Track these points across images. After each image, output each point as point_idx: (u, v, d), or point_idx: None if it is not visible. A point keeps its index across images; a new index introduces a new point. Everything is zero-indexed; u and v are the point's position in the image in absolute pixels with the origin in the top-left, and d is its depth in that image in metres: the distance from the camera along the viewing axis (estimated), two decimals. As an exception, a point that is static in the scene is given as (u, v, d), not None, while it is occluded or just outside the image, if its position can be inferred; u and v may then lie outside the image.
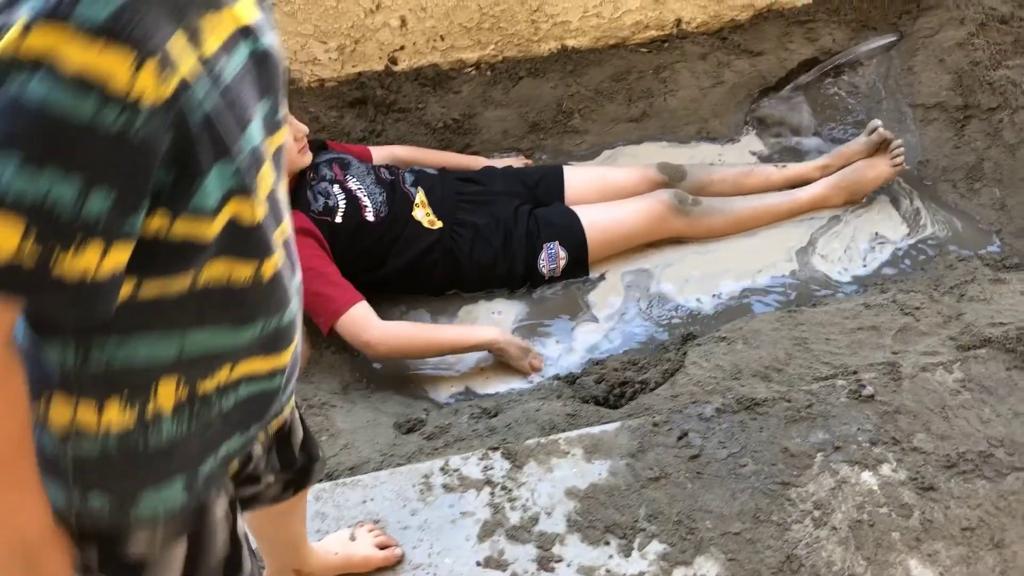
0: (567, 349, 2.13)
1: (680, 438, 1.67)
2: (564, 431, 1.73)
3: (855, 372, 1.77)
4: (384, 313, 2.20)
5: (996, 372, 1.74)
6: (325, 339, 2.08)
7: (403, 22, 2.58)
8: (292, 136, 2.07)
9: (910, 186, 2.43)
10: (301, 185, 2.13)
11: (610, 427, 1.70)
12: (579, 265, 2.26)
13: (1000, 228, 2.29)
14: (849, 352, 1.85)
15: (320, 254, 2.07)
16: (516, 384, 2.06)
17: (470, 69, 2.71)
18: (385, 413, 1.94)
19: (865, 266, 2.24)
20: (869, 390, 1.72)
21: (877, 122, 2.39)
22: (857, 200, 2.39)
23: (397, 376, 2.10)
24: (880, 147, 2.37)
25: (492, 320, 2.21)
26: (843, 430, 1.66)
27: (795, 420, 1.68)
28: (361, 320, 2.02)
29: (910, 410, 1.68)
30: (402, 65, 2.67)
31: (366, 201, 2.14)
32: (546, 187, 2.36)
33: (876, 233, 2.32)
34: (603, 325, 2.18)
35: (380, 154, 2.43)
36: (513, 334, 2.15)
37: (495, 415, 1.89)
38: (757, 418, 1.69)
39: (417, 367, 2.13)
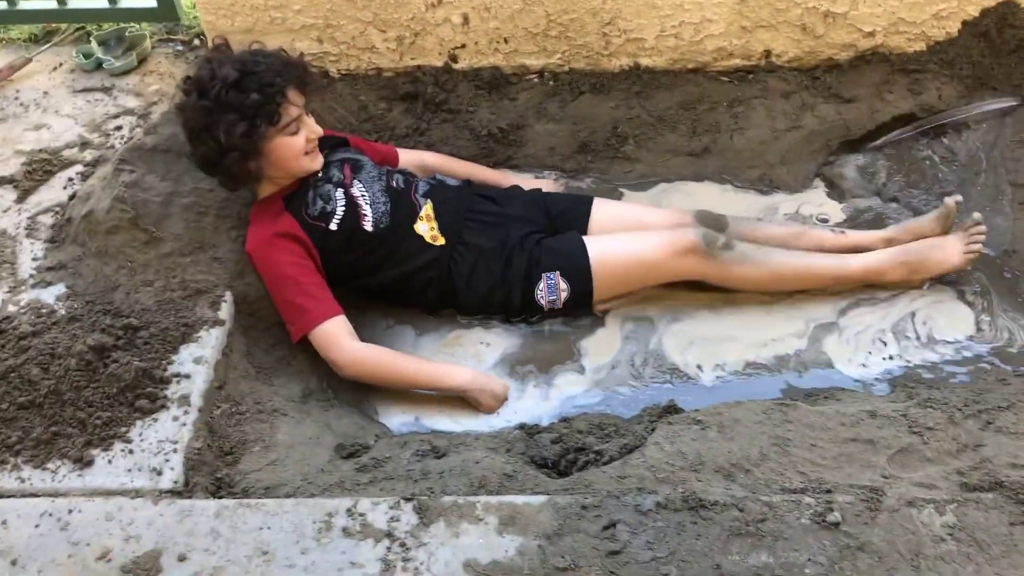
0: (543, 396, 1.98)
1: (606, 528, 1.50)
2: (490, 493, 1.60)
3: (829, 491, 1.55)
4: (369, 323, 2.12)
5: (996, 525, 1.47)
6: (300, 342, 2.02)
7: (465, 19, 2.46)
8: (304, 137, 2.01)
9: (985, 277, 2.12)
10: (305, 184, 2.06)
11: (535, 500, 1.55)
12: (583, 299, 2.09)
13: (1079, 345, 1.96)
14: (833, 466, 1.61)
15: (301, 261, 2.01)
16: (473, 423, 1.94)
17: (532, 76, 2.56)
18: (333, 432, 1.86)
19: (891, 359, 1.96)
20: (836, 516, 1.49)
21: (956, 197, 2.08)
22: (916, 283, 2.10)
23: (362, 389, 2.02)
24: (955, 226, 2.06)
25: (478, 351, 2.08)
26: (791, 557, 1.45)
27: (740, 534, 1.48)
28: (333, 337, 1.95)
29: (877, 550, 1.45)
30: (462, 63, 2.56)
31: (367, 209, 2.05)
32: (569, 219, 2.19)
33: (923, 324, 2.03)
34: (589, 377, 2.01)
35: (408, 158, 2.34)
36: (496, 369, 2.02)
37: (441, 455, 1.77)
38: (699, 523, 1.50)
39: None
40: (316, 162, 2.07)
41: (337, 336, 1.95)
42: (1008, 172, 2.28)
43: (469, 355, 2.08)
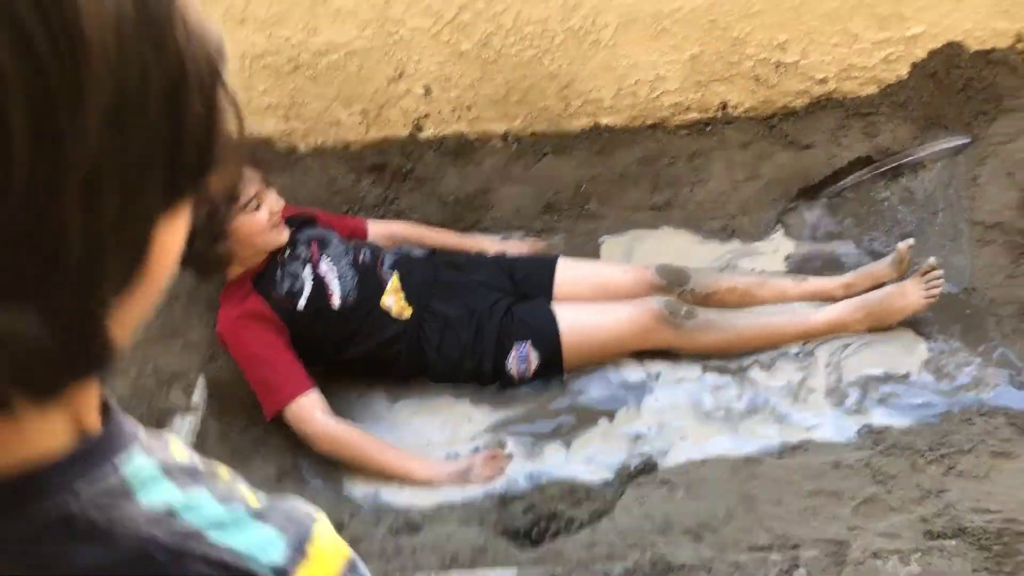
0: (524, 459, 2.00)
1: (576, 598, 1.52)
2: (462, 567, 1.62)
3: (795, 546, 1.56)
4: (339, 394, 2.14)
5: (960, 573, 1.49)
6: (274, 421, 2.05)
7: (427, 90, 2.52)
8: (267, 211, 2.05)
9: (947, 316, 2.15)
10: (273, 263, 2.10)
11: (505, 574, 1.57)
12: (553, 368, 2.13)
13: (1041, 380, 1.99)
14: (799, 520, 1.63)
15: (271, 339, 2.04)
16: (443, 495, 1.95)
17: (496, 140, 2.62)
18: (308, 511, 1.87)
19: (857, 411, 1.98)
20: (802, 572, 1.51)
21: (908, 241, 2.12)
22: (881, 329, 2.14)
23: (336, 464, 2.04)
24: (914, 268, 2.10)
25: (457, 426, 2.10)
26: (759, 617, 1.47)
27: (708, 596, 1.50)
28: (306, 412, 1.98)
29: (843, 605, 1.46)
30: (427, 132, 2.61)
31: (334, 287, 2.09)
32: (534, 281, 2.23)
33: (886, 367, 2.06)
34: (571, 443, 2.03)
35: (377, 230, 2.39)
36: (477, 438, 2.05)
37: (416, 530, 1.79)
38: (668, 587, 1.52)
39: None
40: (282, 235, 2.11)
41: (311, 411, 1.98)
42: (964, 210, 2.32)
43: (446, 421, 2.10)
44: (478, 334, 2.11)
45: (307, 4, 2.33)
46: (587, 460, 2.00)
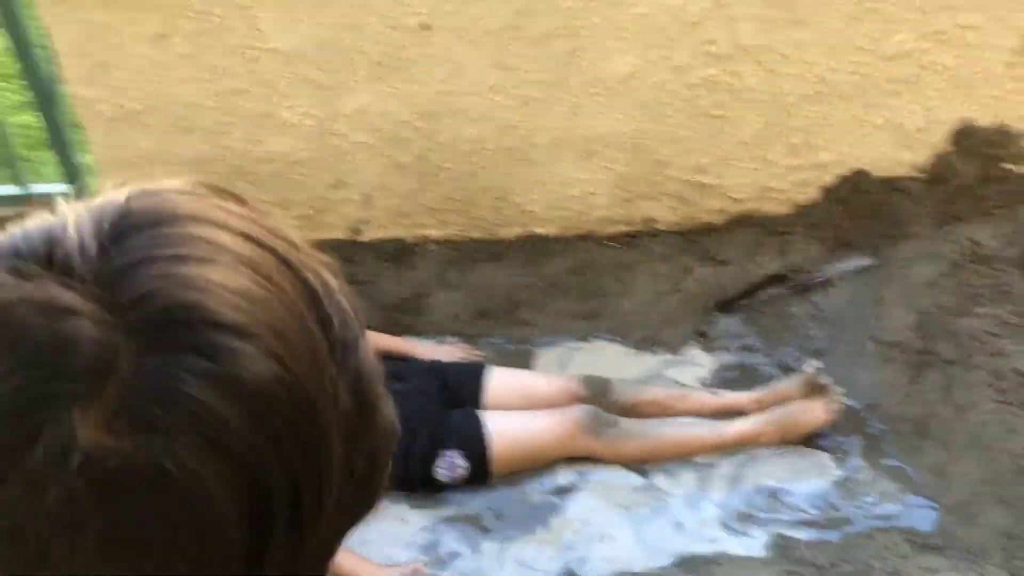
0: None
1: None
2: None
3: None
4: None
5: None
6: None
7: (366, 199, 2.62)
8: None
9: (848, 431, 2.29)
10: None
11: None
12: (481, 474, 2.21)
13: (937, 498, 2.12)
14: (707, 640, 1.73)
15: None
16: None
17: (432, 245, 2.72)
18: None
19: (762, 524, 2.09)
20: None
21: (814, 364, 2.27)
22: (789, 442, 2.27)
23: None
24: (817, 390, 2.25)
25: (395, 530, 2.16)
26: None
27: None
28: None
29: None
30: (366, 236, 2.70)
31: None
32: (465, 389, 2.32)
33: (792, 482, 2.18)
34: (506, 548, 2.10)
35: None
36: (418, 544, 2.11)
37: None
38: None
39: None
40: None
41: None
42: (869, 328, 2.48)
43: (386, 529, 2.15)
44: (408, 443, 2.18)
45: (253, 117, 2.42)
46: (519, 564, 2.07)
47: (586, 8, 2.27)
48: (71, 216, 0.45)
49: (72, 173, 2.67)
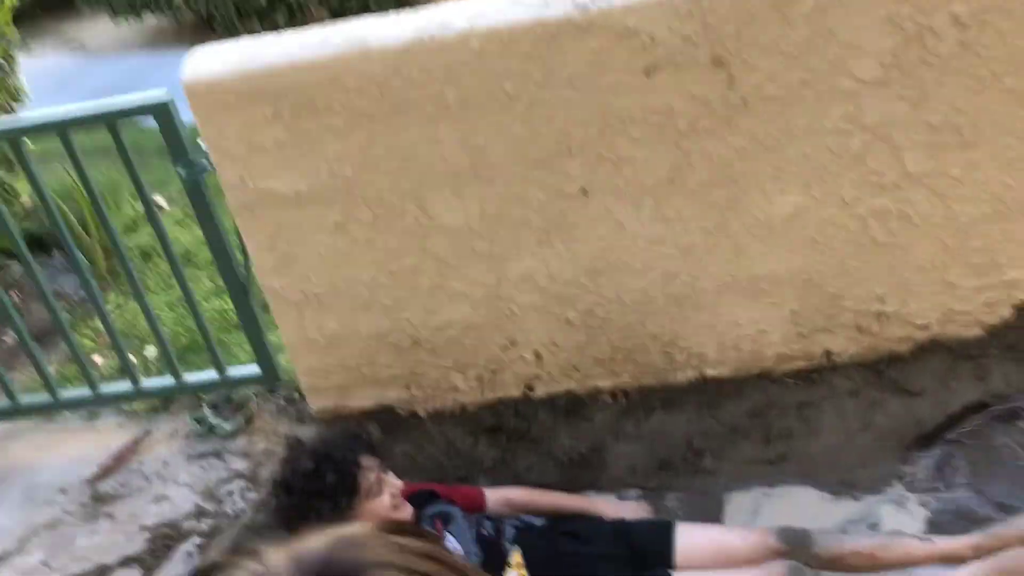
0: None
1: None
2: None
3: None
4: None
5: None
6: None
7: (537, 356, 2.66)
8: (388, 495, 2.16)
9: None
10: (401, 544, 2.19)
11: None
12: (679, 642, 2.12)
13: None
14: None
15: None
16: None
17: (605, 396, 2.72)
18: None
19: None
20: None
21: (1040, 505, 2.09)
22: (1018, 591, 2.07)
23: None
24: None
25: None
26: None
27: None
28: None
29: None
30: (539, 391, 2.73)
31: None
32: (653, 550, 2.25)
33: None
34: None
35: (494, 496, 2.47)
36: None
37: None
38: None
39: None
40: (405, 511, 2.21)
41: None
42: (1091, 455, 2.27)
43: None
44: (602, 611, 2.13)
45: (426, 288, 2.54)
46: None
47: (742, 155, 2.28)
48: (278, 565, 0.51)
49: (264, 354, 2.86)
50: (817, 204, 2.35)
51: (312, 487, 2.08)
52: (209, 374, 2.92)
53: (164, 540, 2.49)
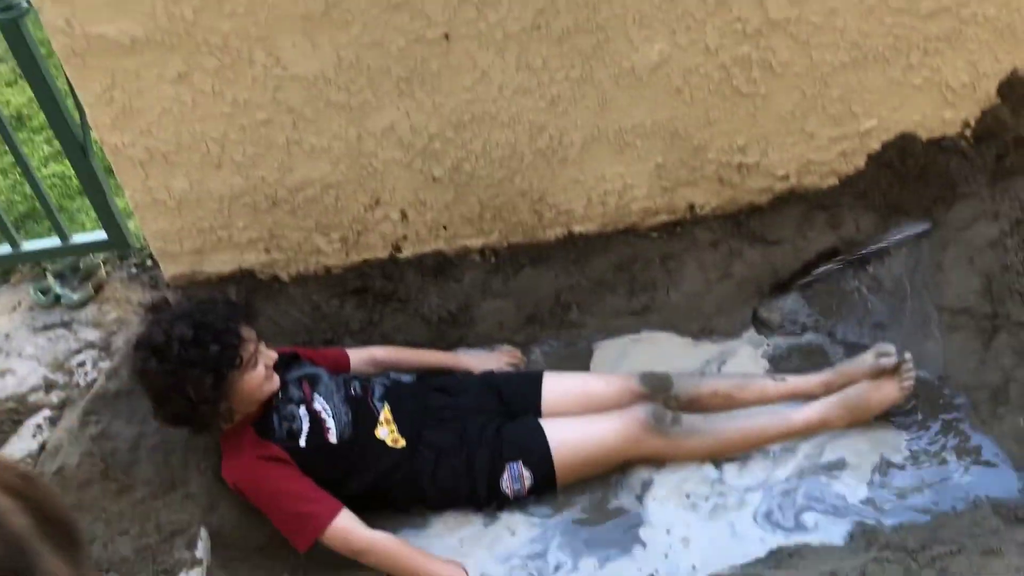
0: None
1: None
2: None
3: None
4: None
5: None
6: (279, 563, 2.07)
7: (403, 215, 2.59)
8: (263, 365, 2.09)
9: (924, 405, 2.22)
10: (269, 409, 2.14)
11: None
12: (547, 483, 2.17)
13: (1020, 466, 2.04)
14: (801, 639, 1.67)
15: (289, 473, 2.07)
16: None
17: (474, 255, 2.68)
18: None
19: (842, 510, 2.03)
20: None
21: (888, 347, 2.19)
22: (861, 423, 2.20)
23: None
24: (887, 367, 2.17)
25: (457, 550, 2.14)
26: None
27: None
28: (348, 531, 2.02)
29: None
30: (406, 252, 2.67)
31: (330, 423, 2.13)
32: (522, 399, 2.29)
33: (870, 459, 2.11)
34: (578, 567, 2.06)
35: (359, 356, 2.43)
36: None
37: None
38: None
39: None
40: (274, 383, 2.15)
41: (352, 527, 2.02)
42: (932, 296, 2.40)
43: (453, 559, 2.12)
44: (470, 460, 2.16)
45: (281, 144, 2.40)
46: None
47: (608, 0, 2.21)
48: None
49: (109, 218, 2.68)
50: (682, 52, 2.32)
51: (191, 356, 1.97)
52: (51, 241, 2.73)
53: (10, 415, 2.35)
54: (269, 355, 2.13)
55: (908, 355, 2.17)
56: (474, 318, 2.61)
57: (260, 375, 2.07)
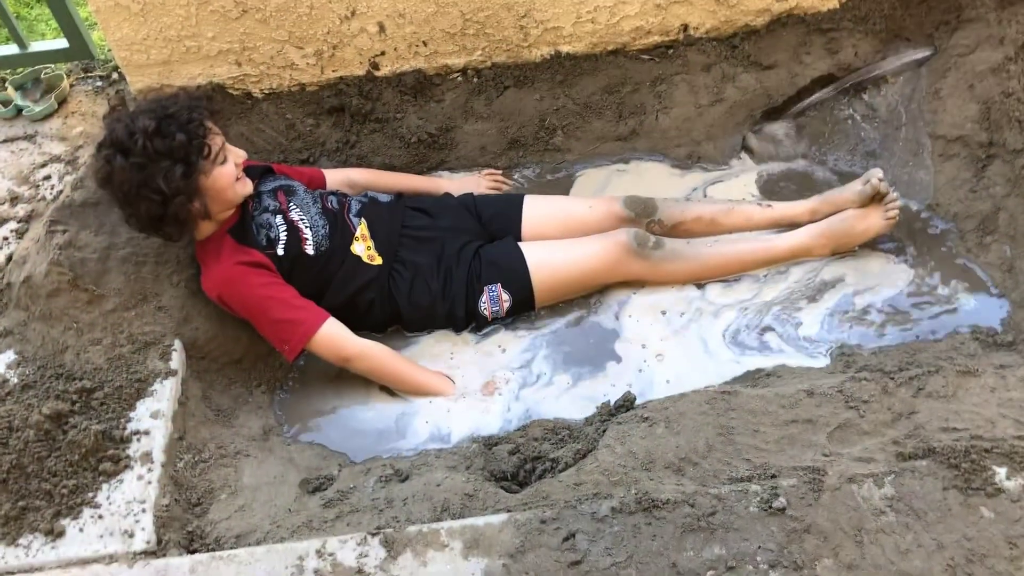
0: (513, 398, 2.04)
1: (566, 539, 1.57)
2: (453, 516, 1.66)
3: (774, 476, 1.62)
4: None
5: (931, 492, 1.56)
6: (255, 377, 2.06)
7: (381, 28, 2.45)
8: (233, 163, 2.01)
9: (911, 233, 2.19)
10: (244, 217, 2.07)
11: (496, 520, 1.61)
12: (525, 306, 2.15)
13: (1004, 293, 2.04)
14: (776, 449, 1.68)
15: (273, 281, 2.03)
16: (432, 443, 1.99)
17: (456, 75, 2.57)
18: (297, 467, 1.90)
19: (827, 331, 2.03)
20: (781, 502, 1.57)
21: (876, 172, 2.14)
22: (843, 252, 2.17)
23: (321, 414, 2.06)
24: (875, 198, 2.13)
25: (448, 363, 2.13)
26: (742, 547, 1.53)
27: (693, 529, 1.55)
28: (337, 337, 2.01)
29: (822, 530, 1.53)
30: (384, 70, 2.55)
31: (307, 233, 2.07)
32: (502, 221, 2.23)
33: (853, 286, 2.10)
34: (552, 381, 2.06)
35: (335, 177, 2.35)
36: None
37: (405, 478, 1.83)
38: (653, 523, 1.57)
39: (345, 405, 2.08)
40: (247, 186, 2.07)
41: (340, 334, 2.01)
42: (927, 124, 2.33)
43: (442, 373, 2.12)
44: (447, 281, 2.12)
45: (251, -55, 2.24)
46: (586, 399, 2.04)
47: None
48: None
49: (69, 24, 2.52)
50: None
51: (156, 147, 1.87)
52: (8, 48, 2.57)
53: (-26, 226, 2.28)
54: (238, 152, 2.04)
55: (895, 194, 2.12)
56: (455, 140, 2.52)
57: (231, 171, 1.99)
